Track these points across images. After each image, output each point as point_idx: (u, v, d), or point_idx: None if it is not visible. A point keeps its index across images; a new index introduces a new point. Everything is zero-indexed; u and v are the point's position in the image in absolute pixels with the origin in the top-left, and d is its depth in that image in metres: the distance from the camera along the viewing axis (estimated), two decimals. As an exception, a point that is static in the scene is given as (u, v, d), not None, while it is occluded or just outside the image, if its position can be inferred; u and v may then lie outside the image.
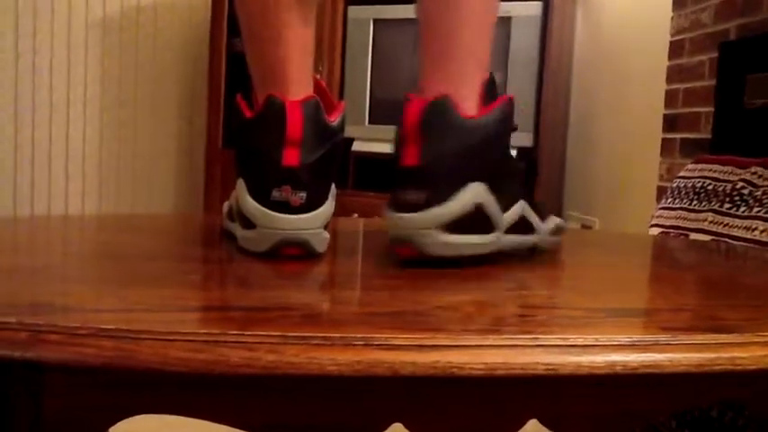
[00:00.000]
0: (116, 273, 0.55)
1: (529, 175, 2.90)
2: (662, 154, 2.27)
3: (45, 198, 3.46)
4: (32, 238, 0.73)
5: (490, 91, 0.61)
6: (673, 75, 2.23)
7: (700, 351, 0.41)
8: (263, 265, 0.60)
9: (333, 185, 0.66)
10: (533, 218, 0.66)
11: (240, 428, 0.42)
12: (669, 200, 1.65)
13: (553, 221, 0.70)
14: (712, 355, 0.41)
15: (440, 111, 0.59)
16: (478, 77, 0.62)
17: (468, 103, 0.61)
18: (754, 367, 0.42)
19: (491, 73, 0.63)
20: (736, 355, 0.42)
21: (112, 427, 0.43)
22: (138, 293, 0.47)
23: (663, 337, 0.42)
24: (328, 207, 0.64)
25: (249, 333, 0.37)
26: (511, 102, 0.63)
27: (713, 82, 1.98)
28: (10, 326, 0.37)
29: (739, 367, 0.41)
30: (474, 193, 0.59)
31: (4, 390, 0.43)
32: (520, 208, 0.65)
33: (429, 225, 0.59)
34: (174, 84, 3.59)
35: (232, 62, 3.32)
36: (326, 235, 0.64)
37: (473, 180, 0.59)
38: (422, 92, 0.62)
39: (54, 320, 0.38)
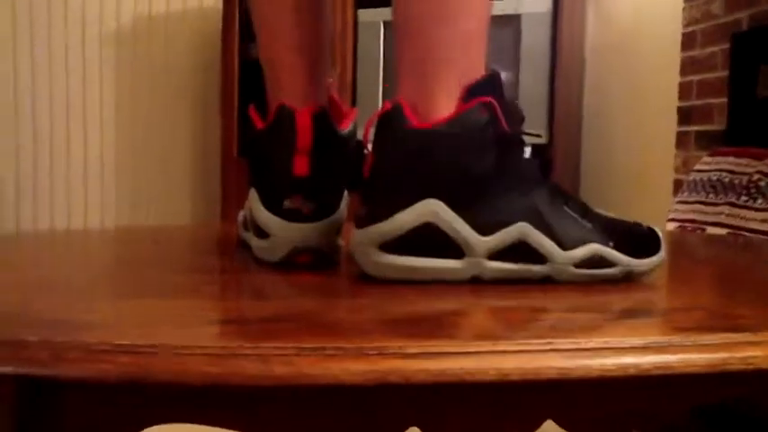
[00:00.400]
0: (134, 286, 0.56)
1: (544, 173, 2.89)
2: (677, 147, 2.25)
3: (65, 211, 3.50)
4: (51, 254, 0.75)
5: (492, 92, 0.55)
6: (686, 67, 2.22)
7: (712, 351, 0.41)
8: (278, 275, 0.60)
9: (345, 192, 0.66)
10: (546, 244, 0.56)
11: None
12: (686, 193, 1.64)
13: (593, 251, 0.57)
14: (725, 355, 0.41)
15: (387, 122, 0.55)
16: (454, 82, 0.55)
17: (440, 108, 0.55)
18: (767, 367, 0.42)
19: (495, 71, 0.57)
20: (749, 354, 0.41)
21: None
22: (156, 306, 0.48)
23: (675, 339, 0.42)
24: (340, 214, 0.64)
25: (264, 345, 0.37)
26: (487, 106, 0.55)
27: (726, 73, 1.97)
28: (31, 344, 0.38)
29: (752, 366, 0.41)
30: (423, 211, 0.53)
31: (29, 407, 0.44)
32: (516, 231, 0.55)
33: (367, 243, 0.55)
34: (187, 93, 3.62)
35: (245, 69, 3.34)
36: (340, 242, 0.65)
37: (426, 196, 0.54)
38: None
39: (73, 337, 0.39)
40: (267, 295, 0.53)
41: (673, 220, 1.60)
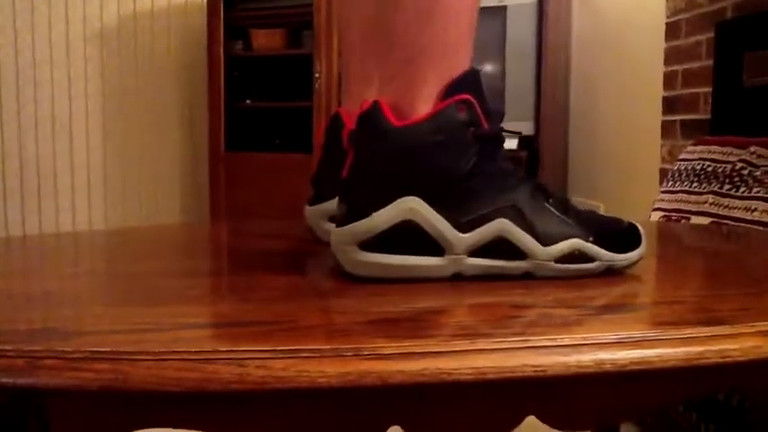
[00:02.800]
0: (114, 292, 0.56)
1: (531, 166, 2.90)
2: (663, 136, 2.26)
3: (53, 211, 3.48)
4: (35, 260, 0.74)
5: (471, 90, 0.55)
6: (670, 56, 2.22)
7: (688, 345, 0.41)
8: (260, 277, 0.60)
9: None
10: (525, 240, 0.56)
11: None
12: (670, 183, 1.65)
13: (573, 246, 0.57)
14: (701, 349, 0.41)
15: (366, 120, 0.55)
16: (435, 82, 0.55)
17: (422, 108, 0.55)
18: (743, 359, 0.42)
19: (474, 69, 0.57)
20: (725, 347, 0.42)
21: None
22: (135, 313, 0.47)
23: (651, 333, 0.42)
24: None
25: (239, 349, 0.37)
26: (466, 103, 0.55)
27: (711, 62, 1.98)
28: (7, 353, 0.38)
29: (729, 359, 0.42)
30: (401, 209, 0.53)
31: (17, 414, 0.44)
32: (496, 228, 0.55)
33: (346, 241, 0.55)
34: (174, 89, 3.60)
35: (230, 65, 3.33)
36: None
37: (405, 194, 0.54)
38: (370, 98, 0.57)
39: (51, 346, 0.39)
40: (247, 298, 0.53)
41: (658, 209, 1.61)
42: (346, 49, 0.78)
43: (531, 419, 0.46)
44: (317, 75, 3.09)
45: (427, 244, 0.55)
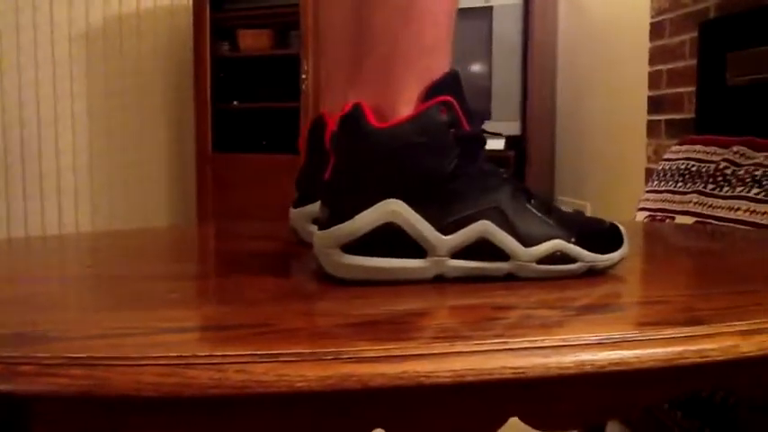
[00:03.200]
0: (96, 296, 0.56)
1: (518, 166, 2.91)
2: (648, 136, 2.27)
3: (38, 214, 3.46)
4: (16, 263, 0.74)
5: (452, 91, 0.55)
6: (655, 56, 2.24)
7: (667, 345, 0.42)
8: (242, 279, 0.60)
9: None
10: (508, 241, 0.56)
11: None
12: (655, 182, 1.66)
13: (555, 247, 0.57)
14: (680, 349, 0.42)
15: (347, 123, 0.55)
16: (415, 85, 0.55)
17: (403, 110, 0.55)
18: (722, 358, 0.42)
19: (454, 71, 0.57)
20: (704, 347, 0.42)
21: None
22: (114, 317, 0.47)
23: (631, 334, 0.42)
24: None
25: (218, 353, 0.37)
26: (447, 105, 0.55)
27: (695, 61, 1.99)
28: (-17, 360, 0.38)
29: (708, 359, 0.42)
30: (383, 211, 0.53)
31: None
32: (478, 229, 0.55)
33: (328, 244, 0.55)
34: (160, 90, 3.59)
35: (217, 66, 3.32)
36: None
37: (387, 196, 0.54)
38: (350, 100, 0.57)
39: (28, 351, 0.38)
40: (229, 301, 0.52)
41: (643, 209, 1.61)
42: (328, 50, 0.78)
43: (513, 421, 0.46)
44: (304, 75, 3.08)
45: (409, 246, 0.55)
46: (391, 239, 0.54)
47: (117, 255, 0.78)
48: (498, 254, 0.56)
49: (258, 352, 0.37)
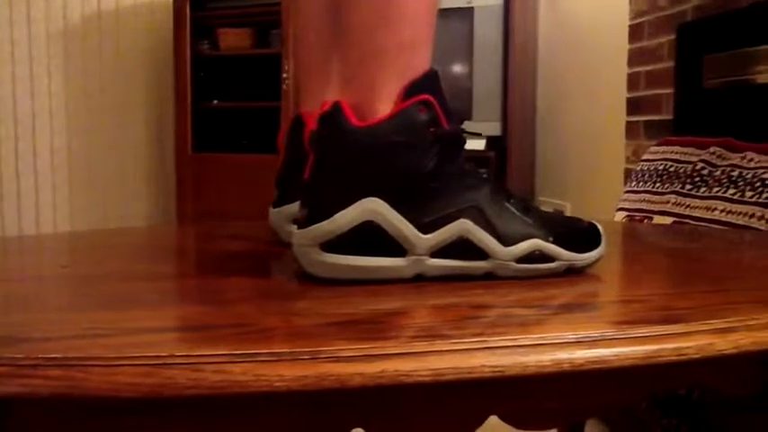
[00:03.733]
0: (71, 296, 0.55)
1: (499, 166, 2.92)
2: (627, 137, 2.29)
3: (15, 213, 3.41)
4: (-10, 262, 0.73)
5: (431, 90, 0.55)
6: (633, 58, 2.26)
7: (644, 343, 0.42)
8: (221, 280, 0.60)
9: None
10: (487, 240, 0.56)
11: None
12: (634, 183, 1.67)
13: (533, 246, 0.57)
14: (656, 347, 0.42)
15: (326, 121, 0.55)
16: (395, 84, 0.55)
17: (382, 109, 0.55)
18: (698, 356, 0.43)
19: (433, 70, 0.57)
20: (680, 345, 0.42)
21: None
22: (91, 317, 0.47)
23: (609, 332, 0.43)
24: None
25: (196, 353, 0.37)
26: (426, 104, 0.55)
27: (673, 63, 2.01)
28: (-43, 360, 0.37)
29: (684, 357, 0.42)
30: (363, 210, 0.54)
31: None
32: (457, 228, 0.55)
33: (308, 243, 0.54)
34: (140, 89, 3.56)
35: (197, 65, 3.30)
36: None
37: (367, 194, 0.54)
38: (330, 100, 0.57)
39: (2, 352, 0.38)
40: (207, 301, 0.52)
41: (622, 209, 1.63)
42: (304, 49, 0.77)
43: (493, 420, 0.46)
44: (284, 75, 3.07)
45: (389, 245, 0.55)
46: (371, 238, 0.54)
47: (94, 255, 0.77)
48: (477, 253, 0.56)
49: (236, 352, 0.37)
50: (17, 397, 0.37)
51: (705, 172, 1.42)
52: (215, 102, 3.34)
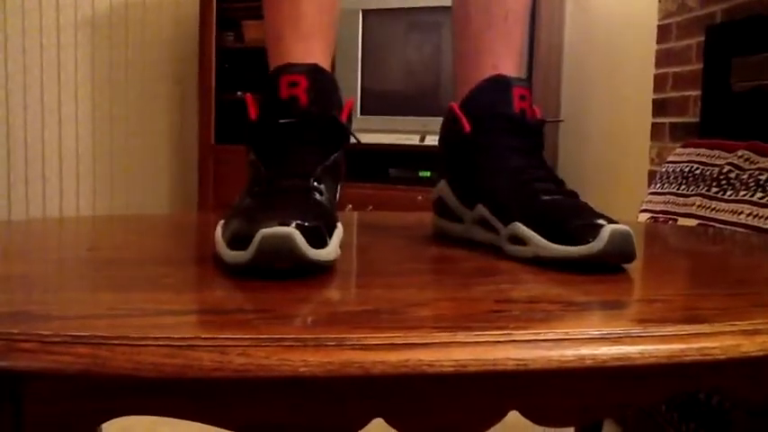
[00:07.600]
0: (97, 278, 0.56)
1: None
2: (652, 138, 2.27)
3: (40, 198, 3.45)
4: (20, 245, 0.74)
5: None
6: (661, 59, 2.23)
7: (669, 342, 0.41)
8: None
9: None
10: (493, 221, 0.69)
11: (223, 428, 0.42)
12: (658, 185, 1.66)
13: (514, 228, 0.65)
14: (682, 346, 0.41)
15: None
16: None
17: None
18: (723, 357, 0.42)
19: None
20: (705, 345, 0.42)
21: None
22: (117, 298, 0.47)
23: (634, 330, 0.42)
24: None
25: (221, 336, 0.37)
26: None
27: (701, 66, 1.98)
28: (-14, 336, 0.38)
29: (709, 357, 0.42)
30: (437, 188, 0.78)
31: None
32: (479, 210, 0.71)
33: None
34: (164, 79, 3.58)
35: (222, 57, 3.31)
36: None
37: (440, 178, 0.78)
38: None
39: (29, 329, 0.38)
40: (230, 286, 0.52)
41: (645, 210, 1.61)
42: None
43: (513, 415, 0.46)
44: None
45: (452, 213, 0.75)
46: (443, 208, 0.76)
47: (116, 238, 0.78)
48: (492, 229, 0.70)
49: (261, 336, 0.37)
50: (44, 373, 0.37)
51: (732, 175, 1.40)
52: (238, 93, 3.36)
